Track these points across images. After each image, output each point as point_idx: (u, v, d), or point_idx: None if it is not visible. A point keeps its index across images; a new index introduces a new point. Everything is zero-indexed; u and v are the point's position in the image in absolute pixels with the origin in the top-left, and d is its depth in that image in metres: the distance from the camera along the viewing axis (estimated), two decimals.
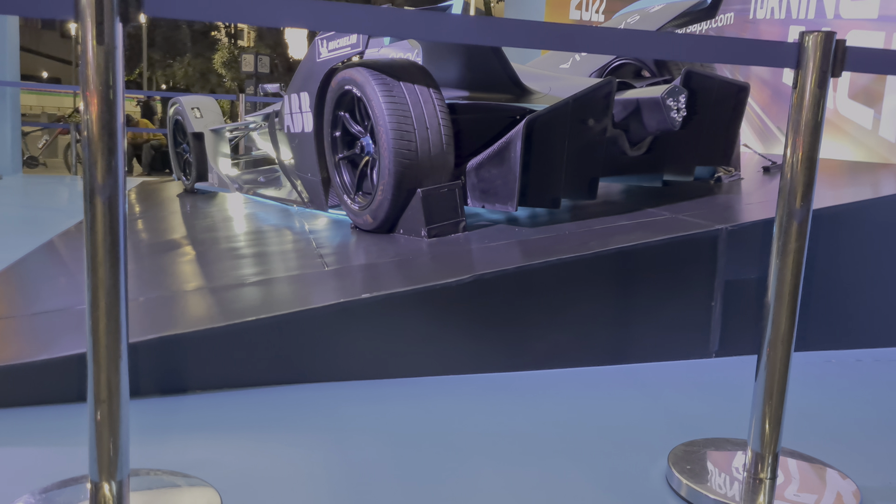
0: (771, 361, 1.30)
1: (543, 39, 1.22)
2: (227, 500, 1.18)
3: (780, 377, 1.30)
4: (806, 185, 1.25)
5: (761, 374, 1.31)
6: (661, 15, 2.79)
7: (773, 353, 1.29)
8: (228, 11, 1.08)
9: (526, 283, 1.92)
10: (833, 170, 2.94)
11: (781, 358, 1.29)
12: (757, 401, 1.31)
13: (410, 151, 2.35)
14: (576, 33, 1.19)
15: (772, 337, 1.29)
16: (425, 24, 1.17)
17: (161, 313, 1.80)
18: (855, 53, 1.22)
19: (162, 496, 1.14)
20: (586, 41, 1.20)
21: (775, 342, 1.29)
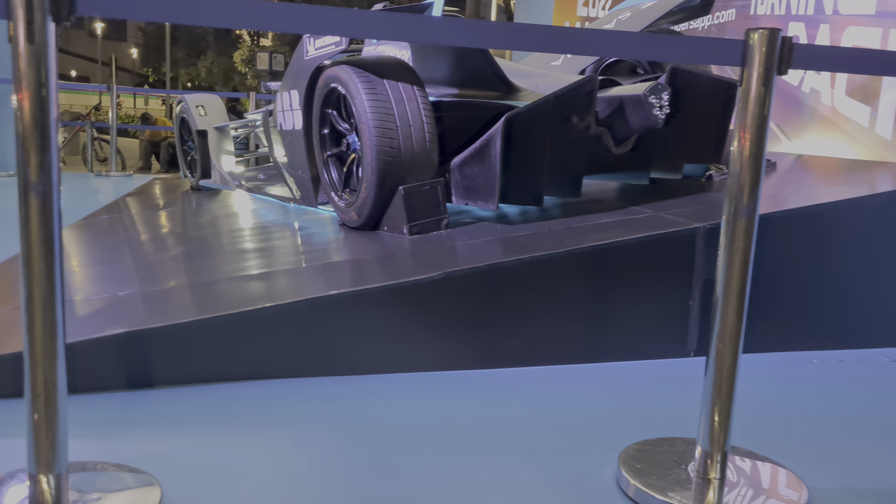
0: (719, 360, 1.28)
1: (504, 39, 1.22)
2: (169, 495, 1.19)
3: (727, 376, 1.29)
4: (752, 182, 1.24)
5: (710, 373, 1.30)
6: (652, 12, 2.77)
7: (720, 352, 1.28)
8: (165, 11, 1.09)
9: (497, 281, 1.92)
10: (828, 168, 2.90)
11: (729, 357, 1.28)
12: (706, 400, 1.30)
13: (393, 149, 2.35)
14: (516, 31, 1.19)
15: (719, 336, 1.28)
16: (404, 26, 1.18)
17: (133, 309, 1.82)
18: (802, 50, 1.21)
19: (102, 489, 1.16)
20: (529, 40, 1.20)
21: (723, 341, 1.28)
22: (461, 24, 1.21)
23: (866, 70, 1.20)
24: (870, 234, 2.22)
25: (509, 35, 1.21)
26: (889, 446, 1.54)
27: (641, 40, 1.21)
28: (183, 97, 4.64)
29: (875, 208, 2.21)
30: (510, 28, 1.18)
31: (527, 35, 1.16)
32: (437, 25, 1.19)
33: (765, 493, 1.29)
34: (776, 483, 1.32)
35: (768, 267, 2.14)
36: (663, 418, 1.64)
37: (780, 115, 3.48)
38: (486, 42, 1.23)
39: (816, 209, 2.17)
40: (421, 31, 1.20)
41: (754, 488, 1.30)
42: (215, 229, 3.02)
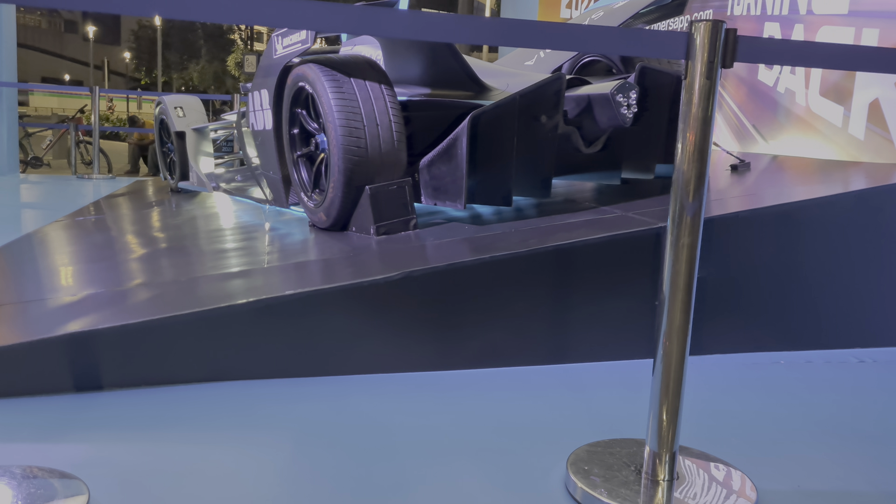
0: (666, 360, 1.26)
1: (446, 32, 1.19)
2: (98, 501, 1.16)
3: (675, 375, 1.26)
4: (698, 178, 1.21)
5: (657, 372, 1.27)
6: (624, 11, 2.75)
7: (668, 352, 1.26)
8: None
9: (458, 281, 1.89)
10: (800, 168, 2.88)
11: (677, 356, 1.26)
12: (654, 400, 1.28)
13: (360, 148, 2.33)
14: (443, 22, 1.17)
15: (666, 335, 1.26)
16: (368, 20, 1.15)
17: (85, 310, 1.79)
18: (746, 43, 1.18)
19: (26, 495, 1.13)
20: (467, 32, 1.18)
21: (670, 341, 1.26)
22: (426, 18, 1.18)
23: (811, 63, 1.18)
24: (839, 234, 2.20)
25: (452, 27, 1.19)
26: (845, 448, 1.51)
27: (585, 32, 1.18)
28: (161, 98, 4.61)
29: (843, 208, 2.19)
30: (451, 20, 1.15)
31: (463, 27, 1.14)
32: (406, 19, 1.16)
33: (713, 494, 1.26)
34: (725, 484, 1.30)
35: (736, 267, 2.12)
36: (621, 419, 1.62)
37: (757, 115, 3.47)
38: (438, 35, 1.20)
39: (784, 208, 2.15)
40: (390, 25, 1.17)
41: (702, 489, 1.27)
42: (185, 231, 2.99)
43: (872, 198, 2.22)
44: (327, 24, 1.14)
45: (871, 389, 1.90)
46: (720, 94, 3.78)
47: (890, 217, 2.24)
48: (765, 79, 3.39)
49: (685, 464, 1.35)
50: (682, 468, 1.33)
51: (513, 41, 1.21)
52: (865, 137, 2.77)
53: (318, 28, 1.15)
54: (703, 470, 1.34)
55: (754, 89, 3.48)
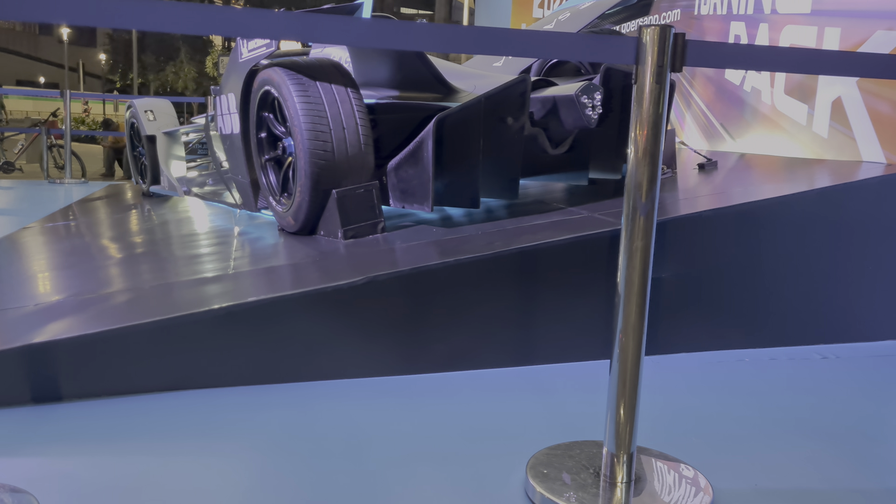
0: (622, 359, 1.27)
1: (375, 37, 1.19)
2: None
3: (631, 375, 1.27)
4: (650, 180, 1.22)
5: (614, 372, 1.28)
6: (590, 12, 2.76)
7: (624, 351, 1.26)
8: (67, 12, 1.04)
9: (422, 285, 1.89)
10: (766, 166, 2.91)
11: (632, 355, 1.26)
12: (611, 401, 1.28)
13: (326, 152, 2.32)
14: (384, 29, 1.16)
15: (622, 334, 1.26)
16: (327, 29, 1.14)
17: (43, 320, 1.77)
18: (695, 47, 1.19)
19: None
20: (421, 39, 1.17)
21: (626, 339, 1.26)
22: (384, 26, 1.18)
23: (758, 66, 1.19)
24: (801, 231, 2.23)
25: (404, 35, 1.19)
26: (805, 446, 1.53)
27: (536, 38, 1.18)
28: (132, 102, 4.57)
29: (804, 206, 2.22)
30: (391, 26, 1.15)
31: (417, 34, 1.14)
32: (368, 28, 1.16)
33: (670, 495, 1.27)
34: (682, 484, 1.31)
35: (700, 265, 2.14)
36: (582, 421, 1.62)
37: (724, 114, 3.50)
38: (393, 43, 1.20)
39: (747, 207, 2.17)
40: (351, 33, 1.17)
41: (660, 490, 1.28)
42: (154, 236, 2.96)
43: (833, 195, 2.25)
44: (284, 32, 1.14)
45: (831, 387, 1.92)
46: (689, 93, 3.81)
47: (850, 214, 2.27)
48: (732, 78, 3.42)
49: (644, 465, 1.36)
50: (641, 469, 1.34)
51: (465, 48, 1.21)
52: (829, 135, 2.80)
53: (276, 37, 1.15)
54: (662, 471, 1.35)
55: (722, 88, 3.51)
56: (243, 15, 1.10)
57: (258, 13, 1.10)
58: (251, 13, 1.10)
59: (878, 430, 1.63)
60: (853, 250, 2.28)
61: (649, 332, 2.08)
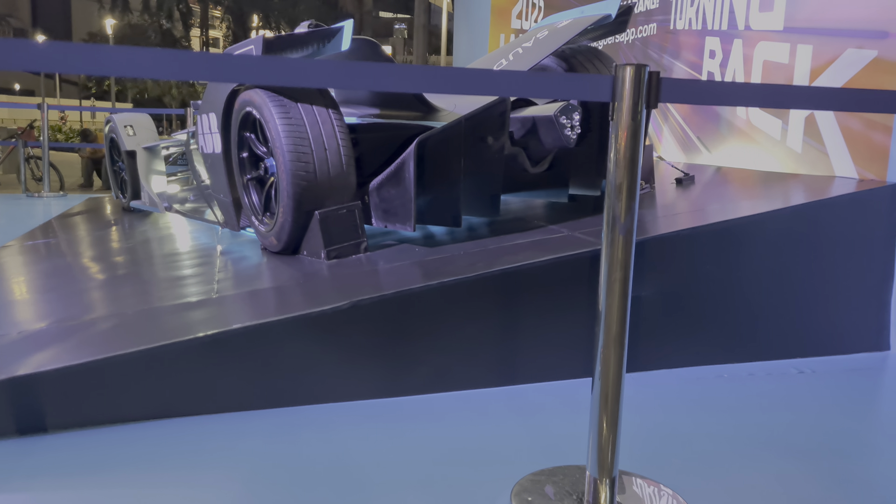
0: (604, 379, 1.29)
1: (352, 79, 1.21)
2: None
3: (612, 396, 1.30)
4: (627, 212, 1.25)
5: (595, 392, 1.30)
6: (568, 30, 2.80)
7: (605, 371, 1.29)
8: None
9: (406, 308, 1.91)
10: (741, 180, 2.97)
11: (614, 375, 1.29)
12: (593, 424, 1.31)
13: (308, 173, 2.33)
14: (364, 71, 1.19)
15: (603, 354, 1.29)
16: (286, 72, 1.16)
17: (25, 350, 1.77)
18: (669, 84, 1.23)
19: None
20: (400, 80, 1.20)
21: (607, 360, 1.29)
22: (346, 68, 1.20)
23: (731, 102, 1.23)
24: (776, 248, 2.27)
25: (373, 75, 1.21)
26: (784, 465, 1.57)
27: (514, 78, 1.21)
28: (111, 116, 4.54)
29: (779, 223, 2.27)
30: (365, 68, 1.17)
31: (394, 75, 1.16)
32: (321, 69, 1.18)
33: None
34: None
35: (679, 283, 2.18)
36: (567, 443, 1.65)
37: (700, 127, 3.56)
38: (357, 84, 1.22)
39: (724, 225, 2.22)
40: (307, 75, 1.19)
41: None
42: (136, 255, 2.95)
43: (807, 213, 2.30)
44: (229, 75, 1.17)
45: (807, 403, 1.97)
46: (666, 106, 3.86)
47: (823, 230, 2.32)
48: None
49: (626, 489, 1.38)
50: (624, 494, 1.36)
51: (448, 88, 1.23)
52: (803, 150, 2.86)
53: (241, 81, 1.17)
54: (643, 495, 1.38)
55: None
56: (220, 60, 1.12)
57: (232, 59, 1.12)
58: (227, 59, 1.12)
59: (852, 447, 1.68)
60: (827, 265, 2.33)
61: (630, 350, 2.10)
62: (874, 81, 2.52)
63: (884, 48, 2.48)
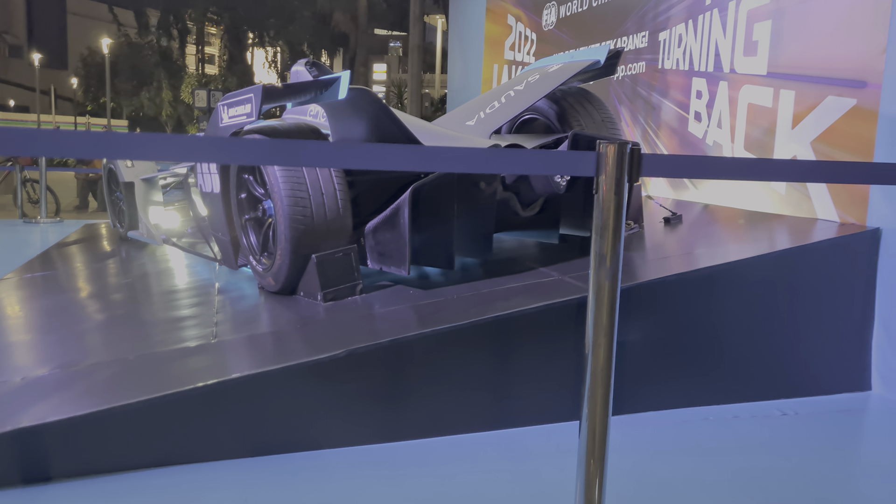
0: (591, 423, 1.35)
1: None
2: None
3: (599, 440, 1.35)
4: (611, 284, 1.32)
5: (583, 436, 1.36)
6: (559, 75, 2.88)
7: (592, 415, 1.35)
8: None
9: (401, 355, 1.97)
10: (726, 220, 3.04)
11: (600, 419, 1.35)
12: (580, 469, 1.37)
13: (306, 217, 2.40)
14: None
15: (590, 403, 1.35)
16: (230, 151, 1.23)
17: (33, 397, 1.81)
18: (650, 160, 1.30)
19: None
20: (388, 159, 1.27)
21: (594, 404, 1.35)
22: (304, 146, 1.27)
23: (709, 176, 1.30)
24: (760, 292, 2.34)
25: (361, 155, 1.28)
26: None
27: (503, 156, 1.28)
28: None
29: (764, 268, 2.34)
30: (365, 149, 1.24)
31: (385, 154, 1.23)
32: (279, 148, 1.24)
33: None
34: None
35: (665, 327, 2.24)
36: (557, 488, 1.70)
37: None
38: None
39: (710, 271, 2.28)
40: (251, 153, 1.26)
41: None
42: (133, 293, 3.00)
43: (790, 257, 2.38)
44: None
45: (791, 447, 2.03)
46: (655, 143, 3.95)
47: (806, 274, 2.39)
48: (694, 131, 3.56)
49: None
50: None
51: (444, 167, 1.30)
52: (786, 192, 2.94)
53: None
54: None
55: (685, 140, 3.66)
56: (223, 144, 1.19)
57: (240, 144, 1.19)
58: (233, 144, 1.18)
59: (832, 492, 1.74)
60: (809, 308, 2.40)
61: (617, 392, 2.16)
62: (854, 129, 2.61)
63: (862, 97, 2.57)
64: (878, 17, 2.52)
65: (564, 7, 4.99)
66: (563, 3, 5.01)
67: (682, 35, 3.67)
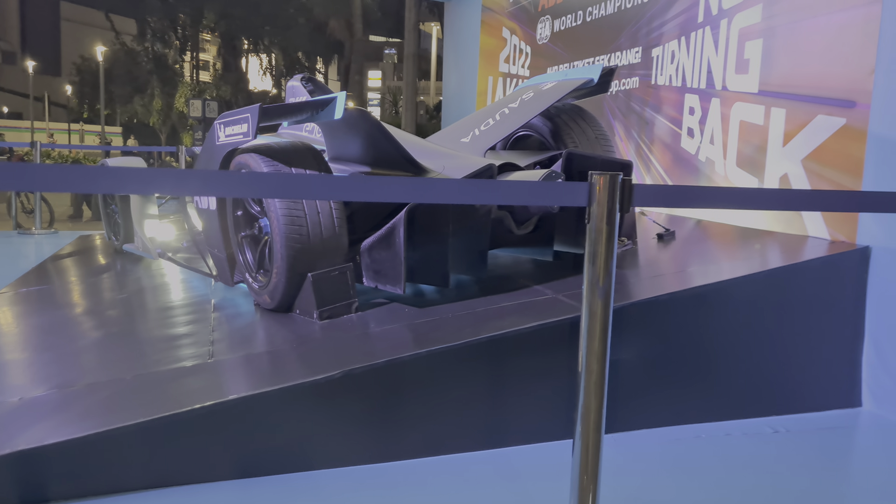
0: (584, 442, 1.38)
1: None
2: None
3: (592, 460, 1.38)
4: (603, 311, 1.34)
5: (576, 456, 1.38)
6: (553, 93, 2.91)
7: (585, 434, 1.38)
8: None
9: (396, 376, 1.99)
10: (718, 237, 3.08)
11: (593, 441, 1.38)
12: (573, 488, 1.39)
13: (302, 236, 2.41)
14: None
15: (583, 422, 1.37)
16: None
17: (31, 419, 1.82)
18: (641, 190, 1.32)
19: None
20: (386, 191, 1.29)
21: (587, 426, 1.37)
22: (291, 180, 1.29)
23: (698, 205, 1.32)
24: (751, 310, 2.37)
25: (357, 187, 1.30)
26: None
27: (501, 187, 1.31)
28: (104, 161, 4.62)
29: (756, 286, 2.37)
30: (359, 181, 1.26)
31: (382, 186, 1.25)
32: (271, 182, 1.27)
33: None
34: None
35: (658, 345, 2.27)
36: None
37: (681, 179, 3.67)
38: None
39: (702, 290, 2.31)
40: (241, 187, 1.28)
41: None
42: (129, 309, 3.01)
43: (781, 276, 2.41)
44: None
45: (782, 465, 2.05)
46: (649, 158, 3.98)
47: (797, 292, 2.42)
48: (687, 147, 3.60)
49: None
50: None
51: (445, 198, 1.32)
52: (777, 210, 2.97)
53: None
54: None
55: (678, 156, 3.69)
56: (235, 178, 1.21)
57: (247, 177, 1.21)
58: (244, 177, 1.21)
59: None
60: (800, 325, 2.43)
61: (610, 410, 2.19)
62: (844, 147, 2.64)
63: (852, 117, 2.60)
64: (866, 37, 2.56)
65: (559, 21, 5.03)
66: (558, 17, 5.05)
67: (675, 51, 3.70)
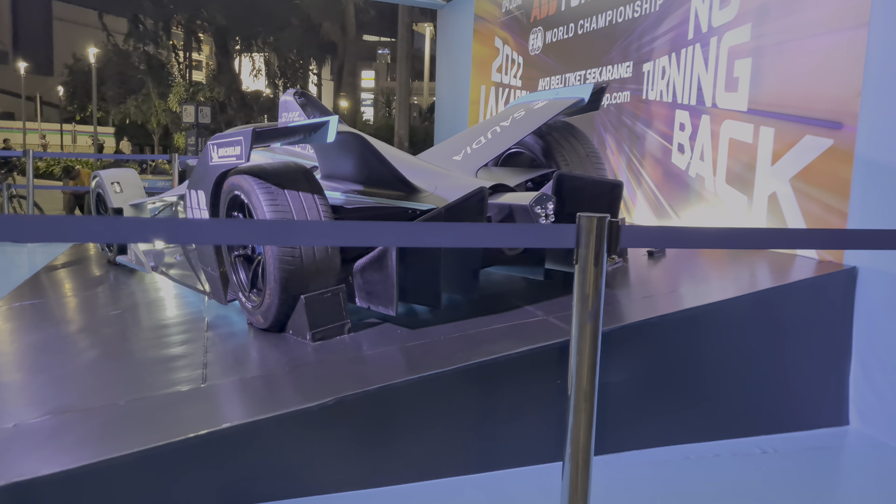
0: (574, 464, 1.40)
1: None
2: None
3: (581, 482, 1.40)
4: (591, 351, 1.36)
5: (566, 479, 1.41)
6: (544, 112, 2.94)
7: (574, 459, 1.40)
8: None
9: (388, 401, 2.01)
10: (708, 254, 3.10)
11: (583, 463, 1.40)
12: None
13: (294, 258, 2.43)
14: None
15: (572, 444, 1.40)
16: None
17: (26, 447, 1.84)
18: (628, 231, 1.35)
19: None
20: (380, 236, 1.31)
21: (576, 449, 1.40)
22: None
23: (684, 245, 1.35)
24: (740, 331, 2.40)
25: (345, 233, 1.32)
26: None
27: (491, 231, 1.33)
28: (98, 173, 4.62)
29: (744, 308, 2.40)
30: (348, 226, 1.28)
31: (376, 231, 1.27)
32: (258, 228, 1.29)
33: None
34: None
35: (647, 366, 2.29)
36: None
37: (671, 194, 3.70)
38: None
39: (691, 312, 2.34)
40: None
41: None
42: (123, 327, 3.02)
43: (770, 297, 2.44)
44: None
45: (769, 488, 2.08)
46: (640, 172, 4.01)
47: (785, 312, 2.45)
48: (678, 162, 3.63)
49: None
50: None
51: (437, 242, 1.34)
52: (766, 226, 3.01)
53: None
54: None
55: (669, 171, 3.72)
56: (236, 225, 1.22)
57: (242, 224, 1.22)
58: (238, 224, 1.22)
59: None
60: (788, 345, 2.46)
61: (599, 432, 2.21)
62: (831, 168, 2.67)
63: (839, 138, 2.63)
64: (853, 60, 2.59)
65: (550, 33, 5.06)
66: (550, 28, 5.07)
67: (666, 67, 3.73)
